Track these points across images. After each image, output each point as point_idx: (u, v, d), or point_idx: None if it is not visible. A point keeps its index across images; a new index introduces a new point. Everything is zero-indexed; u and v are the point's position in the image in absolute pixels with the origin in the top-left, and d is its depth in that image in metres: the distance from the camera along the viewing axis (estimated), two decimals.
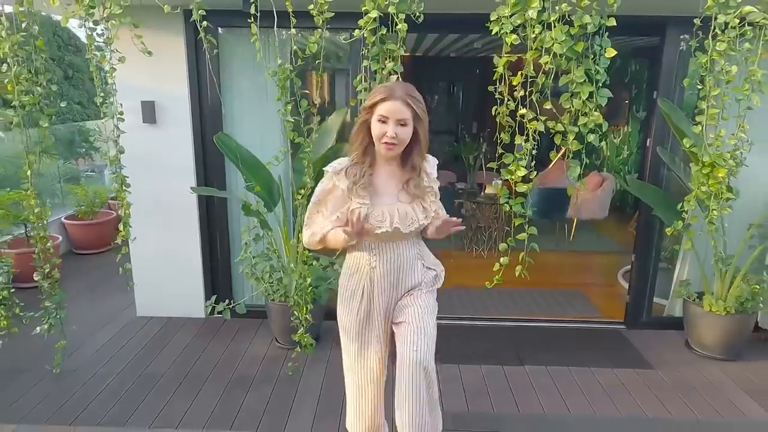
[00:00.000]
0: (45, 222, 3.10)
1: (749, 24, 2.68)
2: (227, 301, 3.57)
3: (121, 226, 3.05)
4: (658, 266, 3.84)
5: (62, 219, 5.41)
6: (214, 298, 3.56)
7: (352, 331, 2.04)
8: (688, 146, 2.93)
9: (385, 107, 1.82)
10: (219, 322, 3.89)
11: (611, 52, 2.67)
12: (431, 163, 2.03)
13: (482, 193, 5.69)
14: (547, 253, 5.53)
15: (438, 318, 2.06)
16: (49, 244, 3.15)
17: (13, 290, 3.18)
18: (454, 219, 1.91)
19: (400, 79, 2.85)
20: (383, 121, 1.83)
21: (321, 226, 1.96)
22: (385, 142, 1.84)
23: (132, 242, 3.15)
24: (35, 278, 3.09)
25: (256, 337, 3.71)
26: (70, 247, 5.47)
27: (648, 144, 3.63)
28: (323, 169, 1.95)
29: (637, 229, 3.81)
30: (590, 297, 4.50)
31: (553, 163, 4.70)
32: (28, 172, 2.97)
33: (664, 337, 3.79)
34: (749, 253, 3.37)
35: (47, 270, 3.10)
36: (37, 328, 3.11)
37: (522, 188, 2.90)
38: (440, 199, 2.09)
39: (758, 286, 3.26)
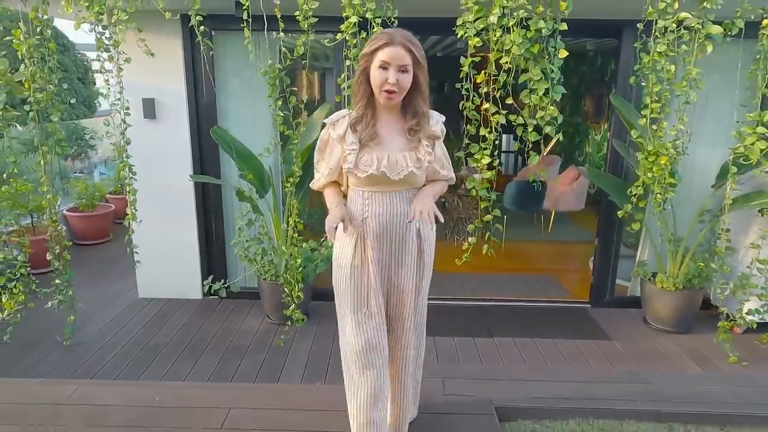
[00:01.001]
0: (57, 207, 3.42)
1: (686, 28, 3.03)
2: (222, 280, 3.90)
3: (128, 210, 3.38)
4: (619, 249, 4.19)
5: (64, 211, 5.70)
6: (210, 278, 3.89)
7: (348, 275, 1.99)
8: (635, 137, 3.28)
9: (385, 53, 1.78)
10: (215, 302, 4.20)
11: (563, 53, 3.01)
12: (435, 118, 1.99)
13: (462, 186, 6.02)
14: (526, 243, 5.91)
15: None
16: (60, 227, 3.46)
17: (30, 268, 3.48)
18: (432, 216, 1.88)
19: None
20: (384, 67, 1.79)
21: (324, 172, 2.00)
22: (387, 90, 1.81)
23: (138, 224, 3.46)
24: (48, 258, 3.40)
25: (249, 315, 4.02)
26: (71, 237, 5.75)
27: (609, 136, 3.98)
28: (323, 121, 2.02)
29: (600, 215, 4.16)
30: (562, 281, 4.84)
31: (553, 150, 5.03)
32: (42, 162, 3.29)
33: (625, 314, 4.13)
34: (724, 237, 3.70)
35: (58, 251, 3.42)
36: (49, 302, 3.43)
37: (486, 175, 3.24)
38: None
39: (703, 264, 3.60)
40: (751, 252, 3.39)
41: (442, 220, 1.90)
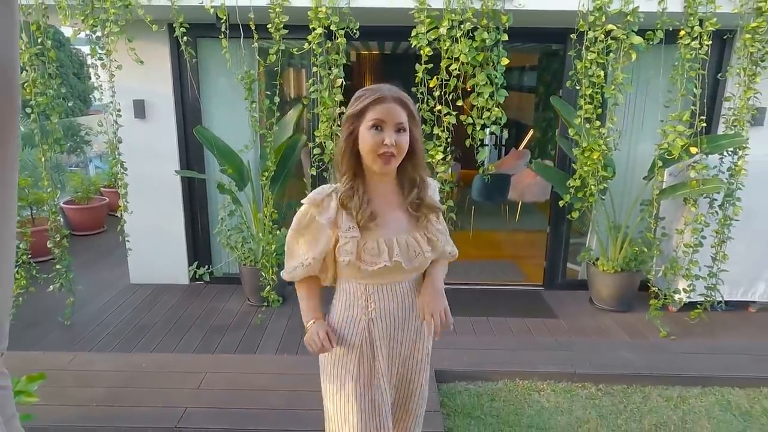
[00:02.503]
0: (56, 199, 3.80)
1: (612, 38, 3.43)
2: (207, 266, 4.29)
3: (120, 202, 3.76)
4: (569, 236, 4.60)
5: (61, 204, 6.06)
6: (195, 264, 4.28)
7: (352, 397, 1.62)
8: (572, 134, 3.69)
9: (378, 110, 1.46)
10: (200, 287, 4.59)
11: (505, 61, 3.43)
12: (432, 187, 1.67)
13: (434, 176, 6.43)
14: (491, 232, 6.32)
15: None
16: (59, 217, 3.84)
17: (30, 256, 3.86)
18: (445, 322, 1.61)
19: (343, 83, 3.59)
20: (377, 126, 1.46)
21: (305, 260, 1.59)
22: (383, 153, 1.45)
23: (129, 215, 3.84)
24: (48, 245, 3.78)
25: (231, 299, 4.41)
26: (68, 228, 6.12)
27: (557, 133, 4.39)
28: (301, 201, 1.59)
29: (551, 205, 4.56)
30: (521, 267, 5.26)
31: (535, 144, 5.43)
32: (42, 159, 3.67)
33: (574, 295, 4.55)
34: (653, 223, 4.10)
35: (58, 239, 3.80)
36: (51, 286, 3.81)
37: (440, 169, 3.64)
38: None
39: (637, 249, 4.01)
40: (685, 237, 3.81)
41: (451, 326, 1.62)
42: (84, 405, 2.65)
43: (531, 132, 8.45)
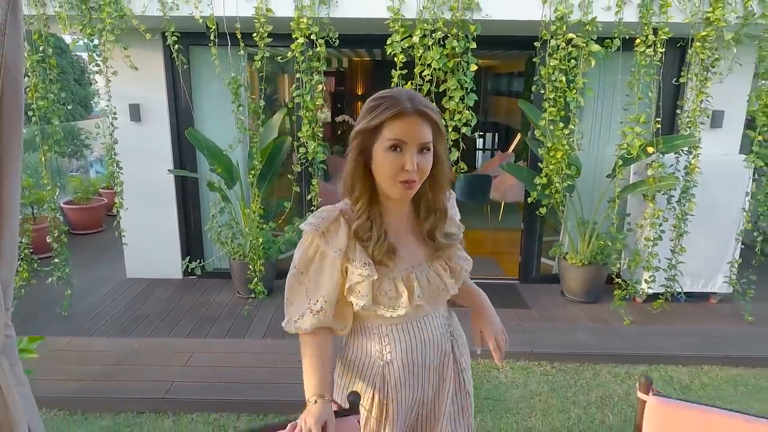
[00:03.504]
0: (56, 197, 4.05)
1: (573, 46, 3.70)
2: (199, 260, 4.54)
3: (116, 200, 4.01)
4: (543, 233, 4.85)
5: (61, 204, 6.31)
6: (188, 258, 4.53)
7: None
8: (538, 135, 3.95)
9: (398, 128, 1.19)
10: (193, 281, 4.84)
11: (474, 67, 3.68)
12: (451, 199, 1.43)
13: None
14: (476, 231, 6.57)
15: None
16: (58, 214, 4.09)
17: (32, 251, 4.10)
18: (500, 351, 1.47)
19: (325, 88, 3.86)
20: (397, 147, 1.19)
21: (309, 305, 1.30)
22: (404, 181, 1.20)
23: (125, 211, 4.10)
24: (48, 240, 4.03)
25: (221, 292, 4.65)
26: (67, 227, 6.37)
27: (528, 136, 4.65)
28: (300, 227, 1.33)
29: (524, 203, 4.82)
30: (500, 263, 5.50)
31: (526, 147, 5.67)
32: (43, 159, 3.93)
33: (547, 288, 4.80)
34: (615, 219, 4.34)
35: (57, 234, 4.05)
36: (49, 278, 4.06)
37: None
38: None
39: (602, 243, 4.26)
40: (645, 231, 4.07)
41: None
42: (81, 380, 2.91)
43: (519, 136, 8.71)
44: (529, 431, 2.63)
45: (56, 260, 4.07)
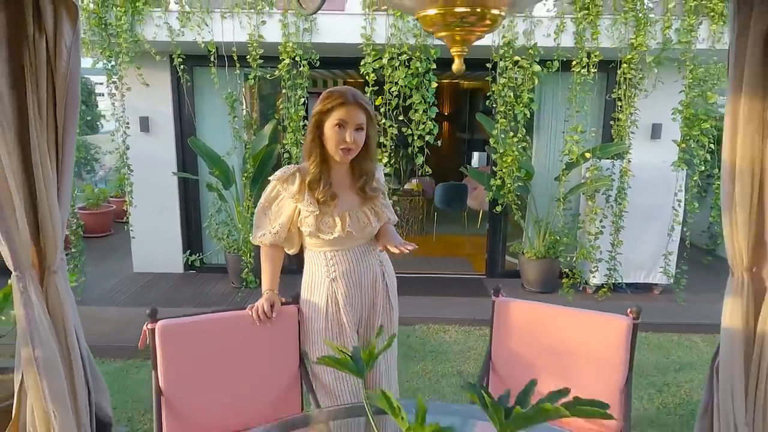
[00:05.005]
0: (74, 194, 4.66)
1: (519, 67, 4.33)
2: (198, 254, 5.12)
3: (126, 198, 4.62)
4: (507, 233, 5.42)
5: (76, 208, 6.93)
6: (188, 252, 5.11)
7: (322, 347, 1.90)
8: (492, 143, 4.56)
9: (342, 112, 1.74)
10: (193, 275, 5.41)
11: (434, 85, 4.30)
12: (378, 168, 1.99)
13: (401, 189, 7.29)
14: (455, 237, 7.14)
15: None
16: (76, 209, 4.70)
17: None
18: (410, 246, 1.78)
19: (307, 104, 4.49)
20: (341, 125, 1.74)
21: (272, 229, 1.88)
22: (344, 148, 1.76)
23: (134, 208, 4.70)
24: (66, 233, 4.62)
25: (218, 284, 5.22)
26: (83, 224, 6.98)
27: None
28: (269, 178, 1.91)
29: (490, 204, 5.40)
30: (473, 262, 6.07)
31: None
32: None
33: (511, 282, 5.32)
34: (561, 217, 4.90)
35: (74, 228, 4.65)
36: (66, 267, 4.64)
37: (386, 170, 4.49)
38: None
39: (552, 238, 4.84)
40: (586, 226, 4.65)
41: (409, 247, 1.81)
42: (96, 334, 3.49)
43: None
44: (461, 372, 3.18)
45: (73, 250, 4.65)
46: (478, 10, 0.59)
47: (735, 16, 1.78)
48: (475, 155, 9.36)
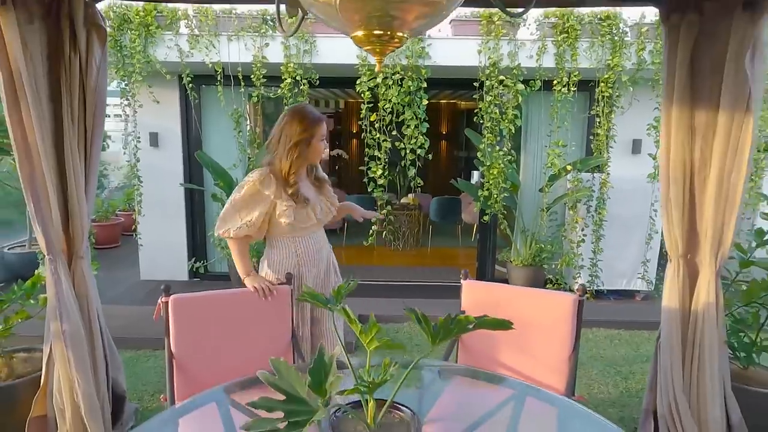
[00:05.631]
0: None
1: (504, 86, 4.66)
2: (202, 261, 5.40)
3: (136, 207, 4.92)
4: (495, 241, 5.69)
5: None
6: (193, 260, 5.39)
7: None
8: (479, 156, 4.86)
9: (323, 128, 2.18)
10: (197, 283, 5.69)
11: (425, 102, 4.62)
12: (319, 168, 2.44)
13: (397, 203, 7.57)
14: (449, 249, 7.41)
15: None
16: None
17: None
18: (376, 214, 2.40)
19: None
20: (322, 139, 2.19)
21: (249, 222, 2.15)
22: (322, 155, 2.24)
23: (142, 217, 5.00)
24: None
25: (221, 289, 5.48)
26: (95, 231, 7.29)
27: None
28: (246, 179, 2.19)
29: (479, 214, 5.68)
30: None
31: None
32: None
33: None
34: (546, 226, 5.18)
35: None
36: None
37: (380, 182, 4.79)
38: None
39: (539, 246, 5.10)
40: (568, 234, 4.92)
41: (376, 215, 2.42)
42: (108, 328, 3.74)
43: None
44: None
45: None
46: (389, 33, 0.87)
47: (666, 40, 2.09)
48: (475, 173, 9.70)
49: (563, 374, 1.94)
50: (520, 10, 1.12)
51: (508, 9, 0.99)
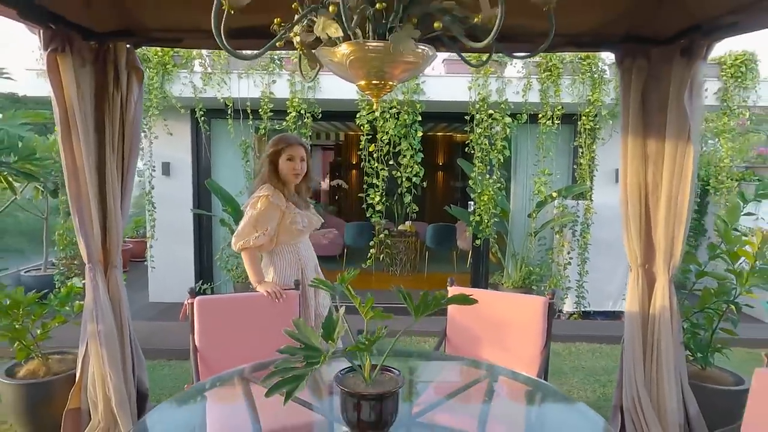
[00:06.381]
0: None
1: (493, 119, 5.04)
2: (209, 283, 5.69)
3: (148, 232, 5.24)
4: (488, 264, 5.99)
5: None
6: (200, 282, 5.68)
7: None
8: (471, 184, 5.21)
9: (291, 150, 2.52)
10: None
11: (419, 134, 5.00)
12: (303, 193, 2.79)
13: (395, 229, 7.89)
14: (445, 274, 7.68)
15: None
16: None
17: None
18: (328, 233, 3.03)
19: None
20: (290, 159, 2.52)
21: (267, 232, 2.47)
22: (295, 174, 2.54)
23: (155, 241, 5.31)
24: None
25: None
26: None
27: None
28: (257, 196, 2.48)
29: (473, 238, 5.99)
30: None
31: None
32: None
33: None
34: (536, 250, 5.49)
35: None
36: None
37: (378, 206, 5.12)
38: None
39: (528, 269, 5.40)
40: (555, 257, 5.23)
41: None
42: None
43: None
44: None
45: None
46: (383, 82, 1.21)
47: (621, 81, 2.46)
48: (471, 203, 10.08)
49: (537, 366, 2.22)
50: (484, 58, 1.45)
51: (473, 61, 1.33)
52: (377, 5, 1.06)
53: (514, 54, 1.85)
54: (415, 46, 1.11)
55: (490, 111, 5.04)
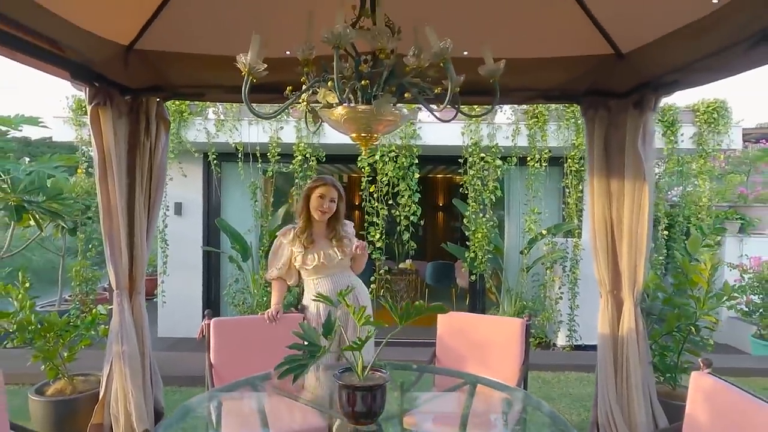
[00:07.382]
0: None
1: (485, 161, 5.40)
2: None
3: (159, 269, 5.54)
4: (485, 300, 6.23)
5: (105, 285, 7.79)
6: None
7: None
8: (465, 222, 5.53)
9: (322, 189, 2.81)
10: None
11: (416, 175, 5.35)
12: (348, 225, 3.00)
13: (396, 267, 8.16)
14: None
15: None
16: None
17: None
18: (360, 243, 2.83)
19: None
20: (321, 197, 2.80)
21: (277, 266, 2.88)
22: (321, 210, 2.79)
23: (167, 277, 5.61)
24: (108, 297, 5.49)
25: None
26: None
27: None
28: (276, 234, 2.99)
29: (469, 273, 6.26)
30: None
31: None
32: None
33: None
34: (529, 285, 5.74)
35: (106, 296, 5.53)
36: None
37: (378, 245, 5.43)
38: None
39: (522, 303, 5.64)
40: (547, 291, 5.48)
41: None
42: None
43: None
44: None
45: (102, 313, 5.50)
46: (370, 134, 1.55)
47: (586, 128, 2.81)
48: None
49: (515, 381, 2.48)
50: (452, 113, 1.78)
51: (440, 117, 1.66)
52: (363, 81, 1.42)
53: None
54: (393, 108, 1.46)
55: (482, 154, 5.41)
